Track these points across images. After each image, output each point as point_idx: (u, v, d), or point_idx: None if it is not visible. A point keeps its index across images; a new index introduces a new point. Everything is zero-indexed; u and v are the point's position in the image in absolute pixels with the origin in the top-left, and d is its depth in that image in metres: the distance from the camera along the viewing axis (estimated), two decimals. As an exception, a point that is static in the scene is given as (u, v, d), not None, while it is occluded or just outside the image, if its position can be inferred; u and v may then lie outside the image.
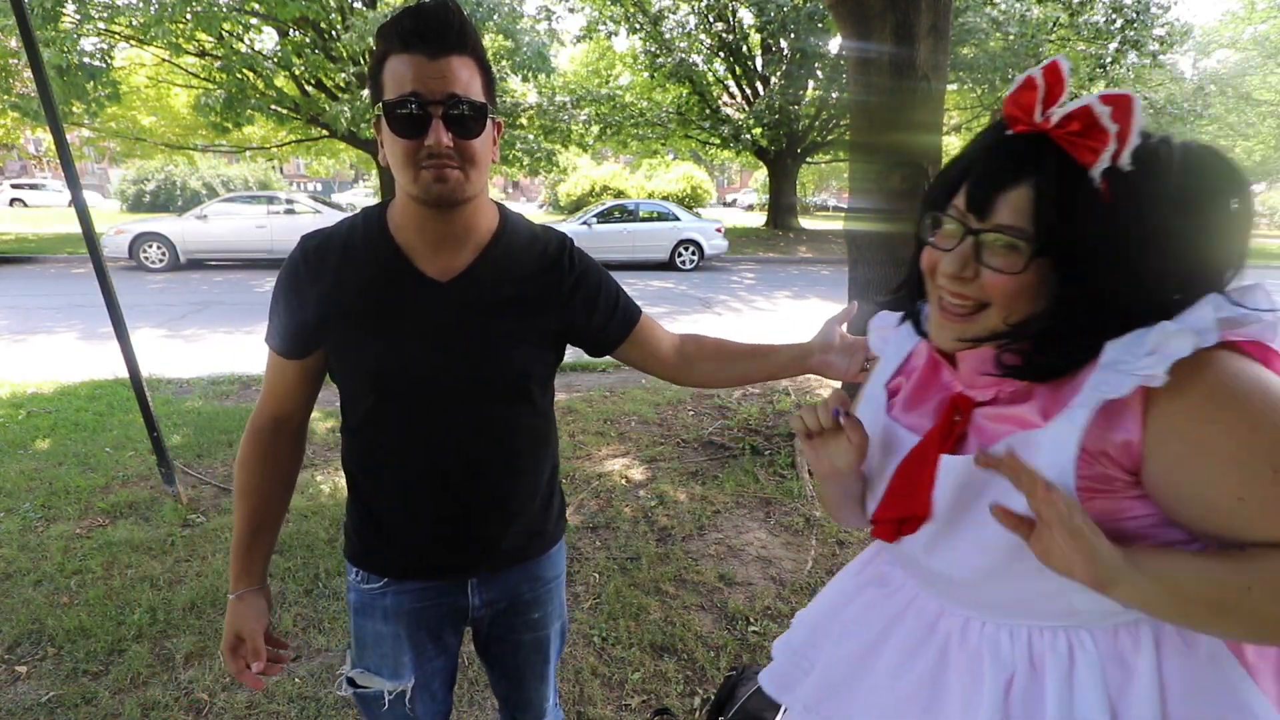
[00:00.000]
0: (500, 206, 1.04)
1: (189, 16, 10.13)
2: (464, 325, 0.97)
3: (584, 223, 12.39)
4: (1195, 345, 0.59)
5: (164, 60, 12.84)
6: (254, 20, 11.73)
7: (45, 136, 20.09)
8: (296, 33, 12.10)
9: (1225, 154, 0.63)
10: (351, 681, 1.11)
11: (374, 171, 22.54)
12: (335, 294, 0.95)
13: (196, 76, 13.04)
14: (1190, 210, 0.61)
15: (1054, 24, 13.68)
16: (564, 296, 1.05)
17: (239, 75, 11.64)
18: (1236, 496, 0.59)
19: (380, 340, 0.95)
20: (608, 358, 1.20)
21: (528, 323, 1.01)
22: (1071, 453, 0.64)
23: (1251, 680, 0.69)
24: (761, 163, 19.53)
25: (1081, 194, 0.61)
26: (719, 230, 12.73)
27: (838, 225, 21.46)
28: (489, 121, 0.91)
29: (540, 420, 1.09)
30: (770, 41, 15.94)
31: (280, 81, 12.56)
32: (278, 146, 16.29)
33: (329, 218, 11.31)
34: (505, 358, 1.00)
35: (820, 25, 13.88)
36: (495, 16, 12.29)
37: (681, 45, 15.86)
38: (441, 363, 0.96)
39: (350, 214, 1.02)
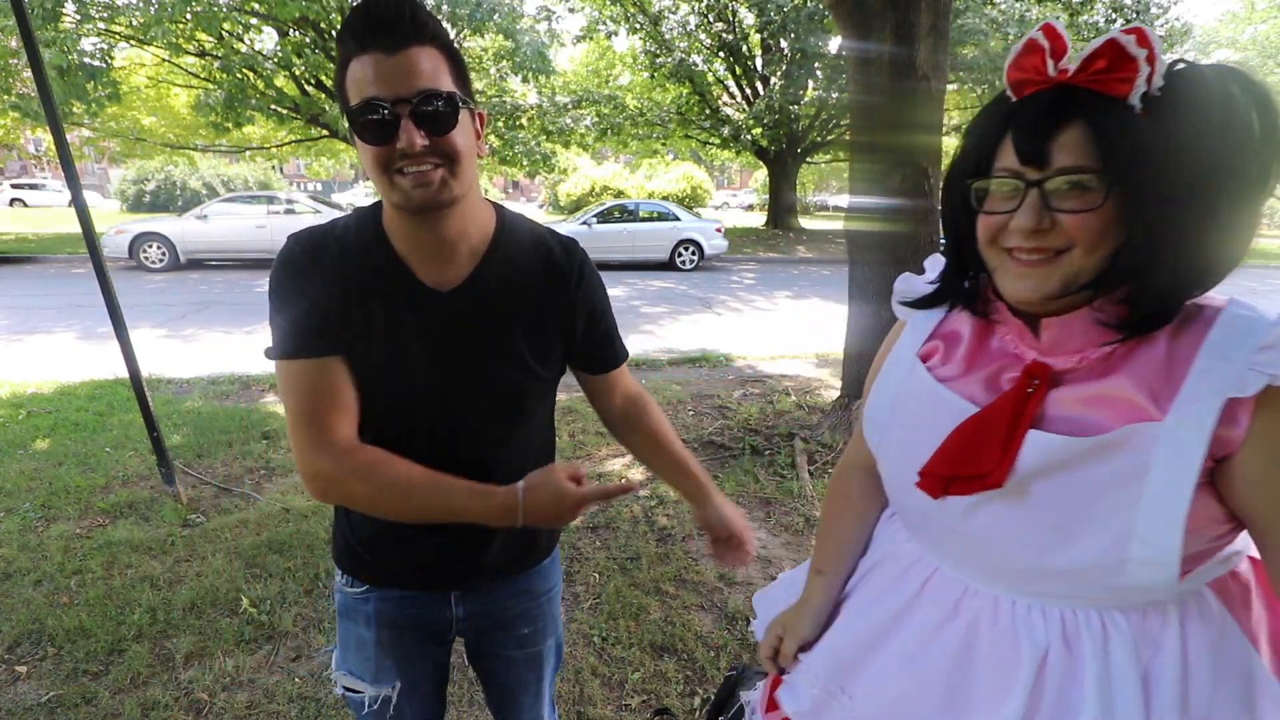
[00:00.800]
0: (497, 207, 0.99)
1: (189, 16, 10.13)
2: (465, 339, 0.92)
3: (584, 223, 12.38)
4: None
5: (164, 60, 12.84)
6: (254, 20, 11.73)
7: (45, 136, 20.09)
8: (296, 33, 12.10)
9: (1249, 73, 0.64)
10: (342, 681, 1.10)
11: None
12: (334, 296, 0.88)
13: (196, 76, 13.05)
14: (1226, 125, 0.62)
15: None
16: (568, 309, 0.99)
17: (239, 75, 11.64)
18: None
19: (379, 351, 0.89)
20: None
21: (532, 336, 0.96)
22: (1199, 455, 0.62)
23: (1254, 649, 0.73)
24: (761, 163, 19.54)
25: (1130, 121, 0.62)
26: (719, 230, 12.73)
27: (838, 225, 21.46)
28: (466, 112, 0.83)
29: (539, 432, 1.06)
30: (770, 41, 15.94)
31: (280, 81, 12.56)
32: (278, 146, 16.29)
33: (329, 218, 11.28)
34: (507, 373, 0.95)
35: (820, 25, 13.88)
36: (495, 16, 12.29)
37: (681, 45, 15.86)
38: (441, 377, 0.92)
39: (343, 215, 0.95)
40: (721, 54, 16.60)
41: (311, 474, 0.87)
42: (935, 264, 0.89)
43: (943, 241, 0.85)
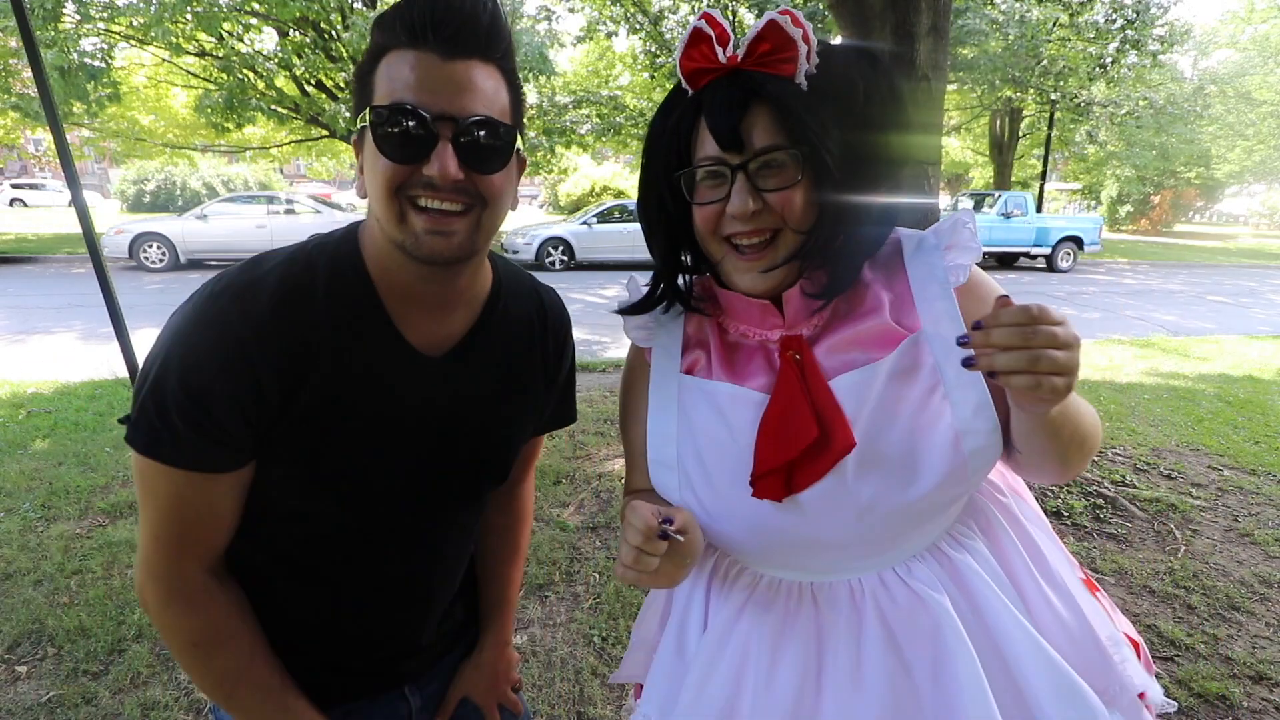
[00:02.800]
0: (490, 254, 0.82)
1: (189, 16, 10.13)
2: (460, 413, 0.77)
3: (584, 223, 12.39)
4: (978, 250, 0.75)
5: (164, 60, 12.84)
6: (254, 20, 11.72)
7: (45, 136, 20.09)
8: (296, 33, 12.09)
9: (874, 49, 0.74)
10: None
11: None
12: (297, 378, 0.67)
13: (196, 76, 13.04)
14: (870, 95, 0.70)
15: (1054, 24, 13.67)
16: (554, 371, 0.89)
17: (239, 75, 11.64)
18: None
19: (355, 435, 0.71)
20: (609, 356, 1.14)
21: (528, 397, 0.85)
22: (962, 333, 0.68)
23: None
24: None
25: (804, 98, 0.68)
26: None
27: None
28: (515, 155, 0.69)
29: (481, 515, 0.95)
30: (770, 41, 15.93)
31: (280, 82, 12.56)
32: (278, 147, 16.28)
33: (329, 218, 11.31)
34: (500, 451, 0.84)
35: (820, 25, 13.88)
36: (495, 16, 12.28)
37: (681, 45, 15.86)
38: (425, 459, 0.76)
39: (297, 251, 0.71)
40: (722, 54, 16.60)
41: (149, 598, 0.70)
42: (636, 283, 0.91)
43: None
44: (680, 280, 0.84)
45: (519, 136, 0.70)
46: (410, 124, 0.62)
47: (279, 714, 0.75)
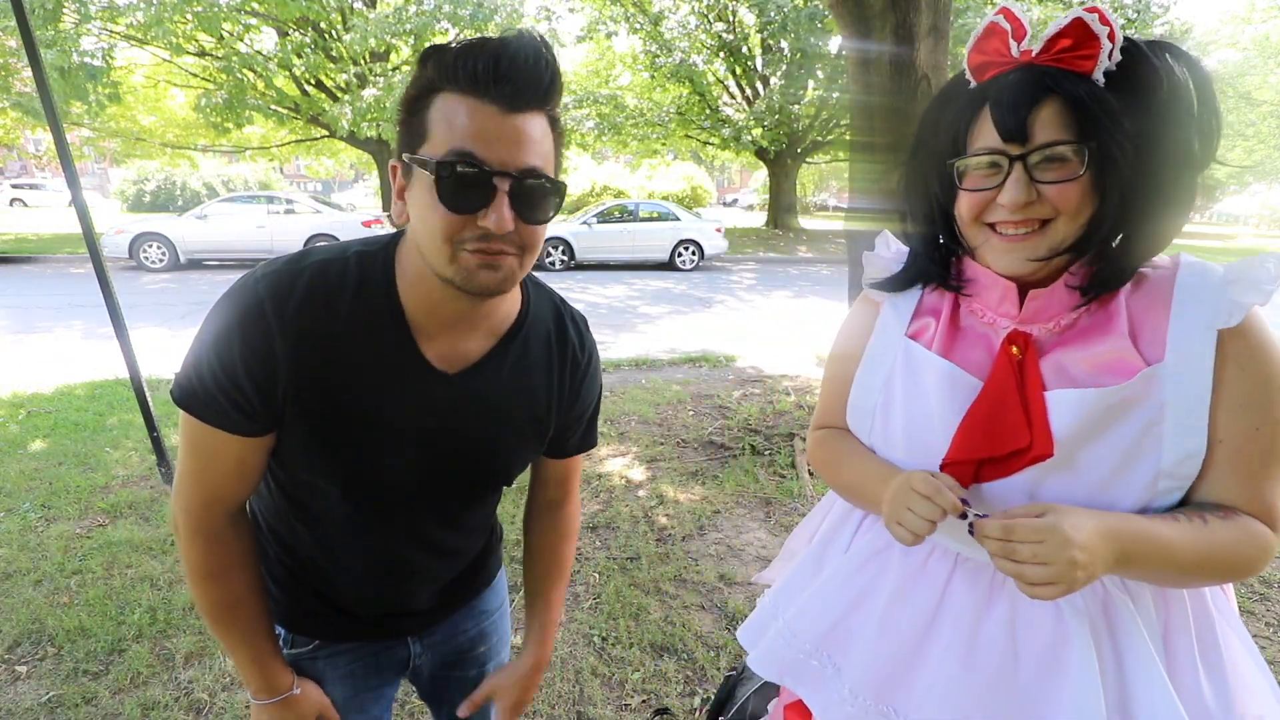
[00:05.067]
0: (524, 281, 0.86)
1: (189, 16, 10.14)
2: (467, 427, 0.81)
3: (584, 223, 12.38)
4: (1269, 294, 0.68)
5: (164, 60, 12.85)
6: (254, 20, 11.73)
7: (45, 136, 20.09)
8: (296, 33, 12.09)
9: (1183, 48, 0.69)
10: None
11: (373, 174, 22.55)
12: (315, 372, 0.73)
13: (196, 76, 13.05)
14: (1173, 97, 0.67)
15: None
16: (572, 394, 0.92)
17: (239, 75, 11.64)
18: (1255, 427, 0.69)
19: (363, 437, 0.77)
20: (609, 356, 1.16)
21: (533, 423, 0.87)
22: (1207, 385, 0.68)
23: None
24: (761, 163, 19.53)
25: (1100, 95, 0.67)
26: (719, 230, 12.73)
27: (838, 225, 21.46)
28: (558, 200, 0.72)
29: (490, 512, 1.01)
30: (770, 41, 15.93)
31: (280, 82, 12.56)
32: (278, 147, 16.29)
33: (329, 218, 11.31)
34: (504, 464, 0.88)
35: (820, 25, 13.87)
36: (497, 17, 12.29)
37: (681, 45, 15.86)
38: (429, 467, 0.81)
39: (338, 254, 0.76)
40: (721, 54, 16.59)
41: (179, 525, 0.80)
42: (889, 241, 0.92)
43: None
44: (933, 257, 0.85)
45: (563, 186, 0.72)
46: (471, 175, 0.65)
47: (254, 655, 0.85)
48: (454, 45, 0.65)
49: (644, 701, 1.97)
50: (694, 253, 12.51)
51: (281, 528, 0.89)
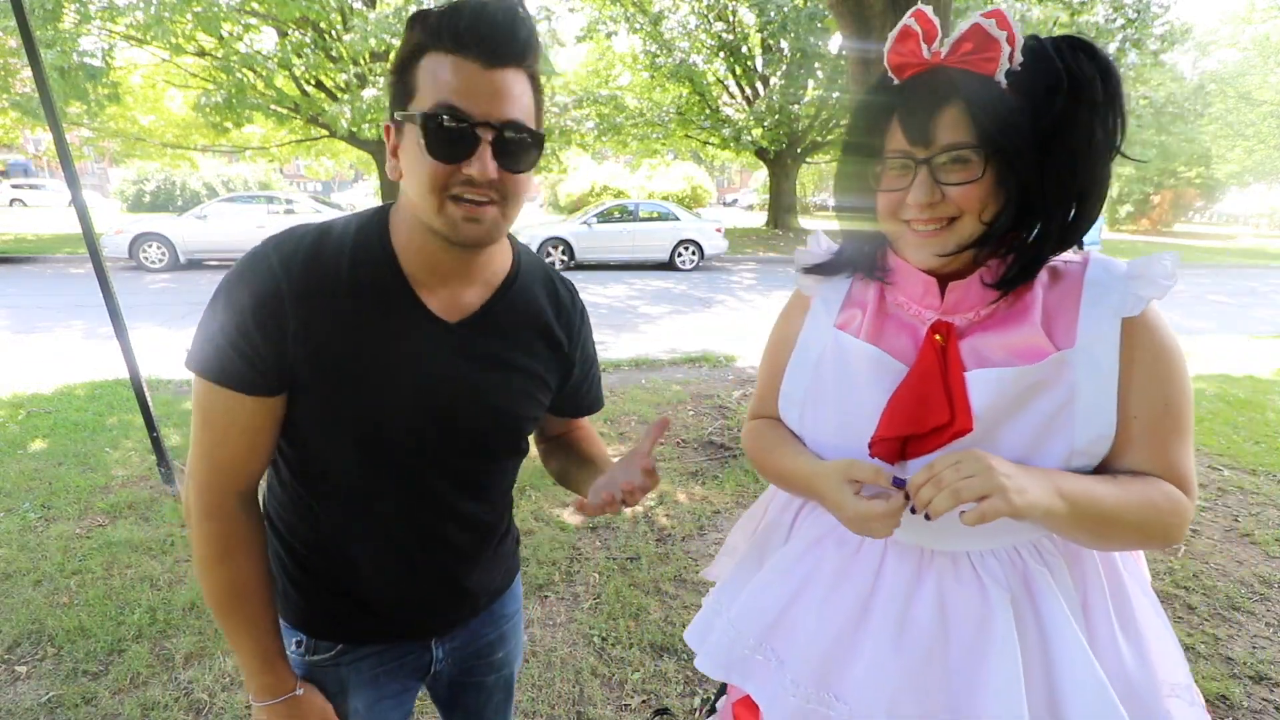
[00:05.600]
0: (511, 239, 0.92)
1: (189, 16, 10.13)
2: (469, 375, 0.84)
3: (584, 223, 12.38)
4: (1166, 288, 0.74)
5: (164, 60, 12.84)
6: (254, 20, 11.72)
7: (45, 136, 20.09)
8: (296, 33, 12.09)
9: (1092, 42, 0.72)
10: None
11: (373, 174, 22.54)
12: (321, 326, 0.76)
13: (196, 76, 13.04)
14: (1077, 91, 0.70)
15: (1054, 24, 13.67)
16: (571, 348, 0.96)
17: (239, 75, 11.63)
18: (1164, 404, 0.75)
19: (371, 389, 0.79)
20: (609, 357, 1.17)
21: (534, 374, 0.91)
22: (1114, 370, 0.74)
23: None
24: (761, 163, 19.53)
25: (997, 98, 0.71)
26: (719, 230, 12.72)
27: (837, 225, 21.43)
28: (538, 152, 0.77)
29: (503, 496, 1.01)
30: (770, 41, 15.93)
31: (280, 81, 12.55)
32: (277, 147, 16.28)
33: (329, 218, 11.30)
34: (512, 411, 0.89)
35: (820, 25, 13.87)
36: (495, 17, 12.27)
37: (681, 45, 15.85)
38: (441, 416, 0.84)
39: (339, 218, 0.84)
40: (721, 54, 16.59)
41: (190, 507, 0.82)
42: (821, 239, 0.98)
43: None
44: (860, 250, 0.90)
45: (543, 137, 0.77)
46: (455, 126, 0.70)
47: (257, 649, 0.85)
48: (437, 9, 0.70)
49: (644, 701, 1.97)
50: (694, 253, 12.51)
51: (298, 521, 0.89)
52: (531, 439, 1.03)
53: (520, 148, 0.73)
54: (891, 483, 0.75)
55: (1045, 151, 0.71)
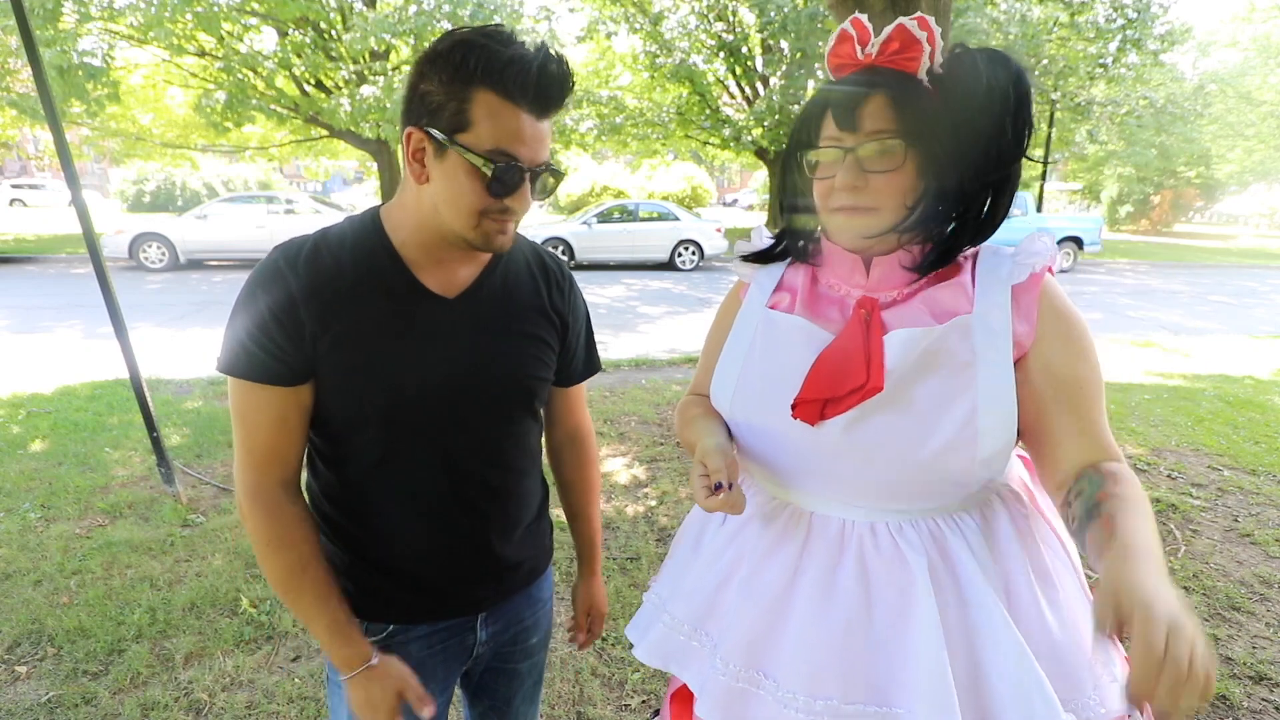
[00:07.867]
0: None
1: (189, 16, 10.13)
2: (475, 343, 0.92)
3: (584, 223, 12.38)
4: (1049, 257, 0.82)
5: (164, 60, 12.83)
6: (254, 20, 11.72)
7: (45, 136, 20.09)
8: (296, 33, 12.09)
9: (1010, 53, 0.78)
10: None
11: (372, 177, 22.52)
12: (333, 316, 0.85)
13: (196, 76, 13.04)
14: (990, 97, 0.76)
15: (1054, 24, 13.66)
16: (563, 314, 1.03)
17: (239, 75, 11.64)
18: (1075, 371, 0.79)
19: (387, 364, 0.87)
20: (609, 357, 1.20)
21: (536, 337, 0.99)
22: (1007, 334, 0.79)
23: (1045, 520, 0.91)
24: (761, 163, 19.52)
25: (918, 93, 0.78)
26: (719, 230, 12.72)
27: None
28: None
29: (540, 433, 1.08)
30: (770, 42, 15.91)
31: (280, 81, 12.56)
32: (277, 147, 16.28)
33: (329, 218, 11.31)
34: (518, 373, 0.97)
35: (820, 25, 13.87)
36: (496, 17, 12.29)
37: (681, 45, 15.85)
38: (454, 383, 0.91)
39: (337, 221, 0.92)
40: (721, 54, 16.58)
41: (241, 501, 0.89)
42: (763, 233, 1.02)
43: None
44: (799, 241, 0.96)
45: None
46: (516, 173, 0.81)
47: (329, 622, 0.89)
48: (499, 48, 0.77)
49: (644, 701, 1.97)
50: (694, 253, 12.51)
51: (337, 506, 0.95)
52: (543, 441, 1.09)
53: (549, 183, 0.86)
54: (714, 487, 0.79)
55: (961, 148, 0.77)
